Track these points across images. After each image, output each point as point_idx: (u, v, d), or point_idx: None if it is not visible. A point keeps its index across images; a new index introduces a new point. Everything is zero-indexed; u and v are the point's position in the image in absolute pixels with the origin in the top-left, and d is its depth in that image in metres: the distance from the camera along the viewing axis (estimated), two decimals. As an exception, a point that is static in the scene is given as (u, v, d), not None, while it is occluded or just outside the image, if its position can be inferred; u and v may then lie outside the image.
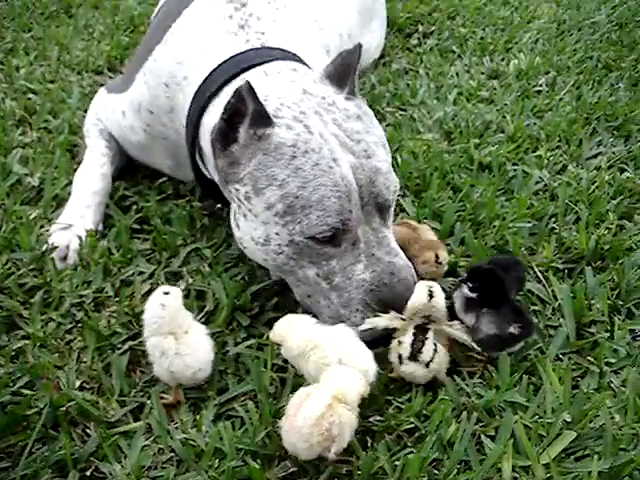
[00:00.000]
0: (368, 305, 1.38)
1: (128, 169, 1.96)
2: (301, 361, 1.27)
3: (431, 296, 1.34)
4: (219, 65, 1.55)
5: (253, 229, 1.41)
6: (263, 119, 1.36)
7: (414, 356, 1.31)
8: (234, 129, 1.39)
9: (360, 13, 2.37)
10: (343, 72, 1.49)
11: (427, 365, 1.31)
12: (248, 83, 1.32)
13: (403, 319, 1.34)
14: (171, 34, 1.68)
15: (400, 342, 1.34)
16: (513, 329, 1.35)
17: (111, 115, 1.88)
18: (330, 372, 1.21)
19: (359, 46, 1.51)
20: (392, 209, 1.47)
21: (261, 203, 1.37)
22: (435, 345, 1.33)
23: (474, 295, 1.39)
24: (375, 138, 1.46)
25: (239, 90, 1.33)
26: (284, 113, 1.40)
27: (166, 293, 1.31)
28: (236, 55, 1.55)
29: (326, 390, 1.16)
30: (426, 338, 1.33)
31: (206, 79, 1.55)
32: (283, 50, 1.59)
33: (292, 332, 1.29)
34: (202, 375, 1.32)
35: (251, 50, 1.56)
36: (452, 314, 1.41)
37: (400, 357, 1.33)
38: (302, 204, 1.34)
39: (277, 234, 1.38)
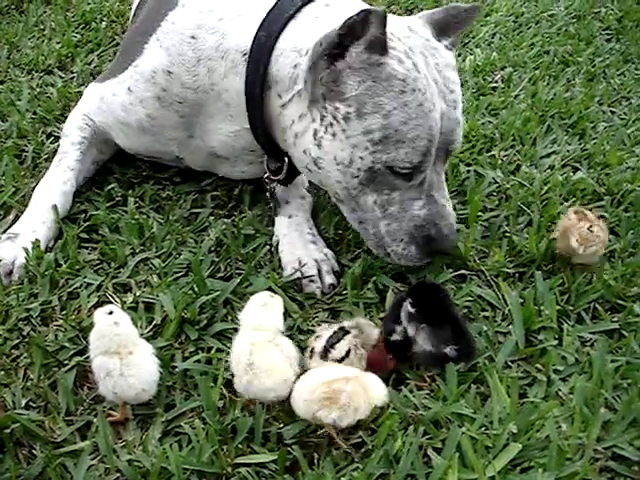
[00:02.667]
0: (414, 238, 1.53)
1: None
2: None
3: None
4: None
5: (339, 149, 1.48)
6: (380, 47, 1.42)
7: (325, 352, 1.31)
8: (343, 47, 1.43)
9: None
10: (449, 23, 1.60)
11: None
12: (384, 10, 1.37)
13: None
14: None
15: (318, 336, 1.34)
16: (449, 350, 1.35)
17: (111, 100, 1.81)
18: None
19: (478, 8, 1.65)
20: None
21: (360, 127, 1.45)
22: (350, 349, 1.31)
23: (413, 310, 1.39)
24: (461, 92, 1.56)
25: (367, 12, 1.36)
26: (395, 45, 1.47)
27: (110, 313, 1.30)
28: None
29: (356, 372, 1.26)
30: (342, 338, 1.32)
31: (277, 4, 1.57)
32: None
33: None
34: (146, 395, 1.30)
35: None
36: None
37: (312, 352, 1.32)
38: (397, 138, 1.44)
39: (361, 158, 1.47)
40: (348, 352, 1.31)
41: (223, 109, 1.67)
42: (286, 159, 1.66)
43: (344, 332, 1.34)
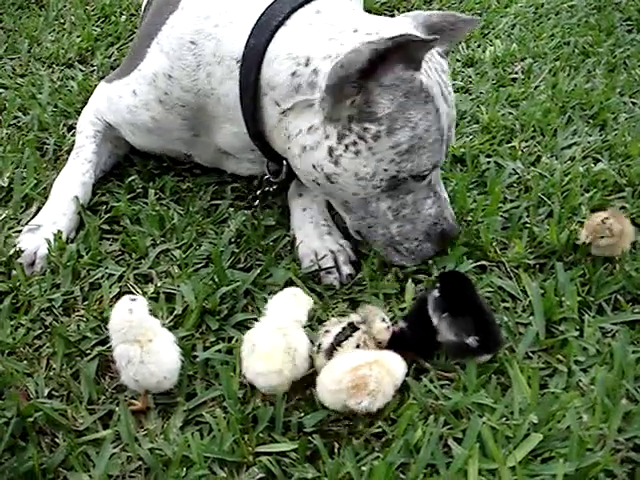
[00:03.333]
0: (428, 236, 1.59)
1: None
2: None
3: None
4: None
5: (362, 165, 1.48)
6: (416, 65, 1.44)
7: (331, 350, 1.30)
8: (372, 67, 1.41)
9: None
10: (443, 29, 1.60)
11: None
12: (434, 38, 1.39)
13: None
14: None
15: (327, 331, 1.34)
16: (471, 340, 1.35)
17: (118, 101, 1.83)
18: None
19: (476, 21, 1.74)
20: None
21: (389, 143, 1.46)
22: (358, 346, 1.31)
23: (438, 295, 1.39)
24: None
25: (408, 38, 1.38)
26: None
27: (132, 300, 1.31)
28: None
29: (375, 354, 1.28)
30: (351, 335, 1.32)
31: (266, 11, 1.57)
32: None
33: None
34: (168, 383, 1.31)
35: None
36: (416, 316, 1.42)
37: (319, 347, 1.32)
38: (421, 145, 1.48)
39: (385, 170, 1.49)
40: (357, 348, 1.31)
41: (224, 112, 1.67)
42: (285, 162, 1.67)
43: (353, 328, 1.34)
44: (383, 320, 1.36)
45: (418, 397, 1.30)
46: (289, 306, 1.36)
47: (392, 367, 1.27)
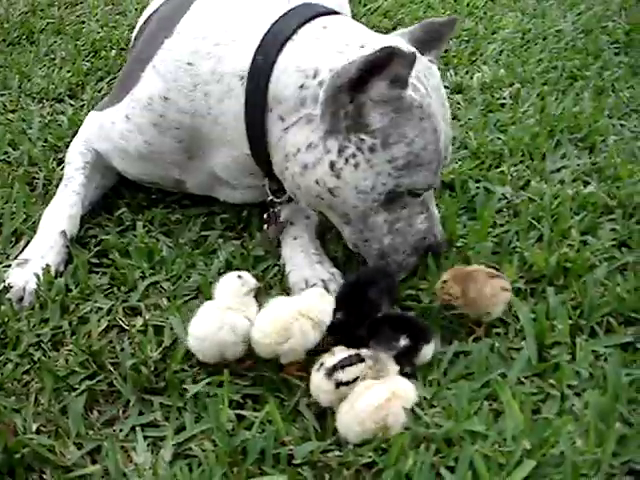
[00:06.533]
0: (416, 250, 1.62)
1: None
2: None
3: None
4: (291, 10, 1.64)
5: (362, 179, 1.51)
6: (402, 83, 1.47)
7: (333, 370, 1.30)
8: (363, 80, 1.45)
9: None
10: (428, 40, 1.63)
11: (337, 386, 1.29)
12: (413, 53, 1.43)
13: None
14: (184, 23, 1.74)
15: (332, 354, 1.34)
16: (404, 341, 1.39)
17: (110, 127, 1.84)
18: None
19: (455, 20, 1.70)
20: None
21: (386, 156, 1.49)
22: (359, 377, 1.30)
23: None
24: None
25: (391, 51, 1.40)
26: None
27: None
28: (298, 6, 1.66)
29: (388, 386, 1.29)
30: (356, 364, 1.31)
31: (272, 28, 1.61)
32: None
33: None
34: None
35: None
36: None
37: (321, 365, 1.32)
38: (418, 162, 1.51)
39: (383, 184, 1.51)
40: (355, 380, 1.30)
41: (221, 134, 1.68)
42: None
43: (359, 359, 1.33)
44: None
45: (409, 425, 1.29)
46: (312, 298, 1.45)
47: (405, 394, 1.30)
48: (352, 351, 1.35)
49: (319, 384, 1.31)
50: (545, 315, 1.53)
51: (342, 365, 1.31)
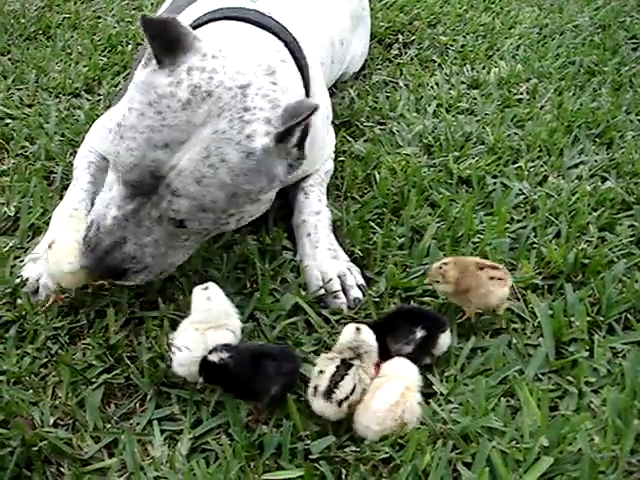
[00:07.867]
0: None
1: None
2: None
3: (358, 331, 1.35)
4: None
5: None
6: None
7: (329, 392, 1.28)
8: None
9: (352, 17, 2.40)
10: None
11: (339, 404, 1.28)
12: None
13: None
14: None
15: (321, 371, 1.32)
16: (420, 332, 1.42)
17: (110, 125, 1.83)
18: (396, 364, 1.36)
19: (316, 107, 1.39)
20: None
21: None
22: (355, 384, 1.30)
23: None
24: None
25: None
26: None
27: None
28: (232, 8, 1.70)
29: (399, 381, 1.30)
30: (347, 374, 1.30)
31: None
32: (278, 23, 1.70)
33: None
34: None
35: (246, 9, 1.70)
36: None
37: (315, 389, 1.30)
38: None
39: None
40: (353, 388, 1.30)
41: None
42: None
43: (347, 366, 1.32)
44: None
45: (426, 421, 1.29)
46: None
47: (412, 384, 1.32)
48: (336, 359, 1.33)
49: (322, 409, 1.29)
50: (563, 311, 1.52)
51: (335, 383, 1.30)
